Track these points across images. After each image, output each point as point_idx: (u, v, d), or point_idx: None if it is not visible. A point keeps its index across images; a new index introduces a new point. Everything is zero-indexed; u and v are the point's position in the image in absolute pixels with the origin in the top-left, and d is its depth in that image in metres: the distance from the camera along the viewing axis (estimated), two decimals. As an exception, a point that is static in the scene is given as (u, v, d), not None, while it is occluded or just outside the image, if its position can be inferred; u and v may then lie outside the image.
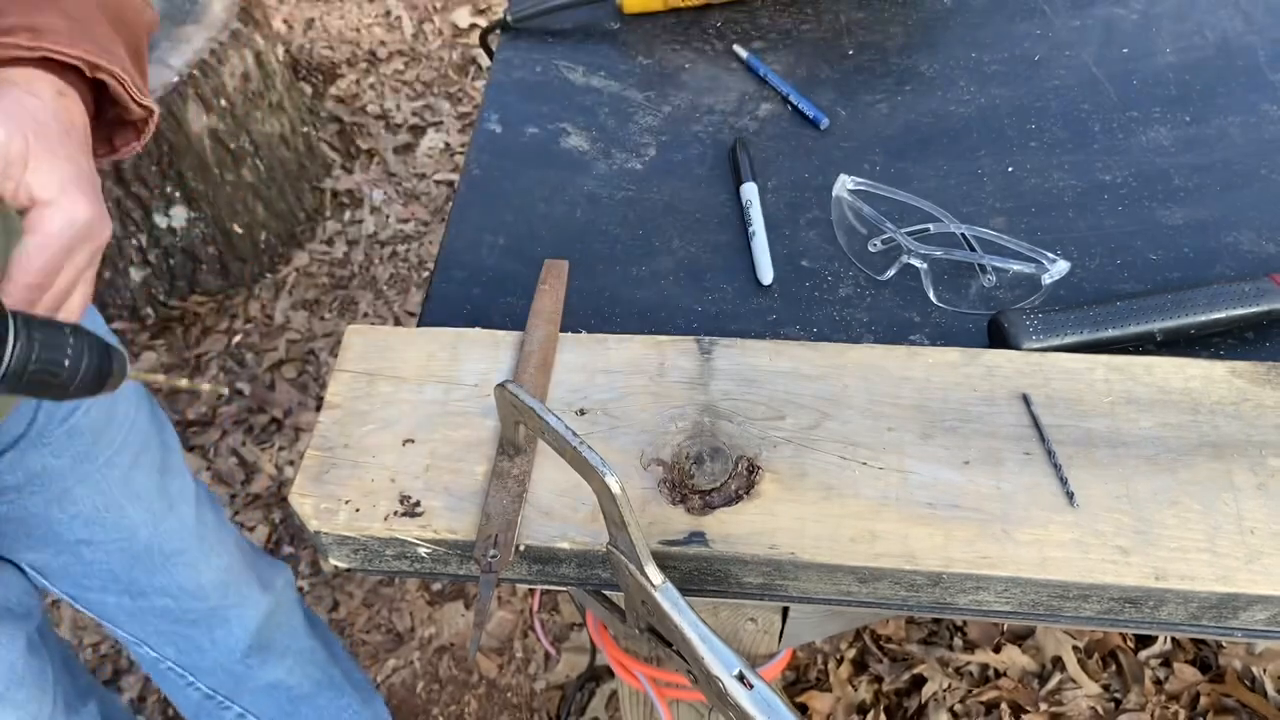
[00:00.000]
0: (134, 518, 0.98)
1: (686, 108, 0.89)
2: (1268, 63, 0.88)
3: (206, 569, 1.07)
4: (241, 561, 1.14)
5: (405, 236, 2.28)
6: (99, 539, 0.96)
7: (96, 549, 0.97)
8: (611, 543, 0.50)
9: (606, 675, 1.60)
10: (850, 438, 0.59)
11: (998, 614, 0.57)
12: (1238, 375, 0.61)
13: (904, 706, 1.52)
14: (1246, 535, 0.54)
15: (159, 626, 1.08)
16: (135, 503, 0.97)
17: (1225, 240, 0.75)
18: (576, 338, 0.65)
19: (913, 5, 0.97)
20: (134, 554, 1.00)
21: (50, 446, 0.88)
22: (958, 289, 0.73)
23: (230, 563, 1.11)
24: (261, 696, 1.22)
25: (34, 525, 0.92)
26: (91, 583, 1.00)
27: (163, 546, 1.02)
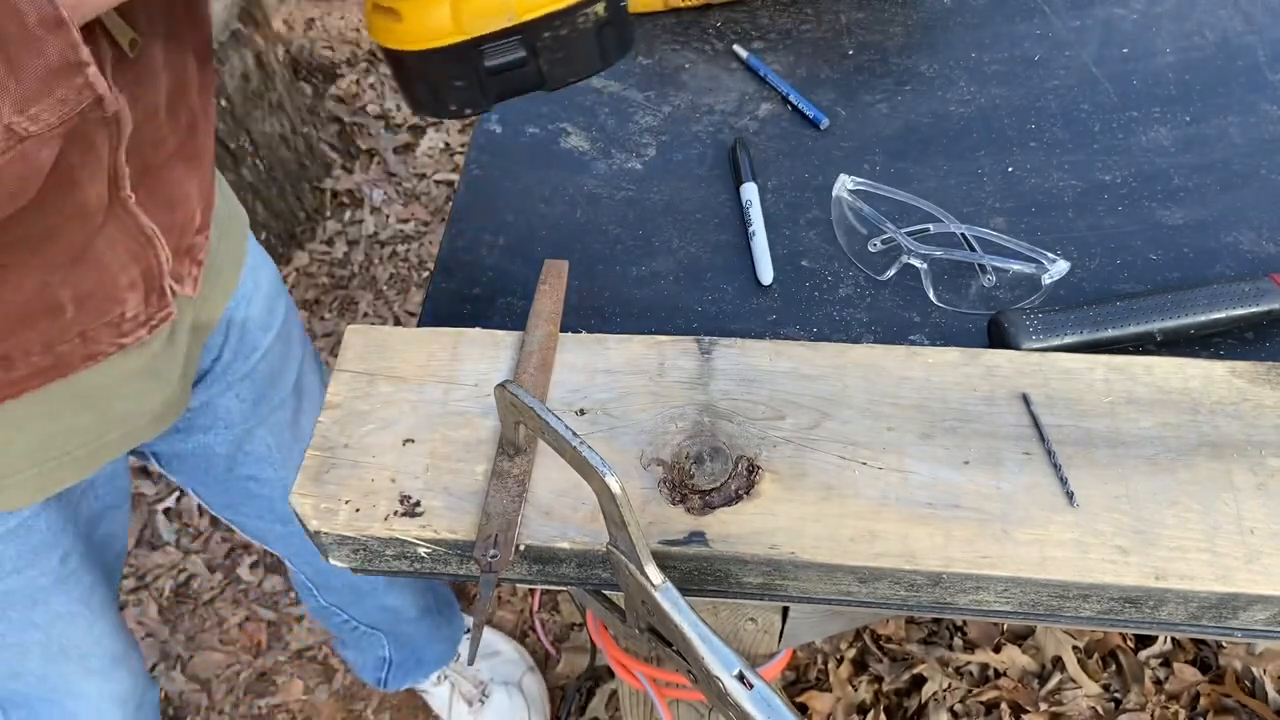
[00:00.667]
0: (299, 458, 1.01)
1: (686, 108, 0.89)
2: (1268, 63, 0.88)
3: None
4: None
5: (405, 236, 2.28)
6: (267, 476, 1.03)
7: (263, 485, 1.03)
8: (611, 543, 0.50)
9: (606, 675, 1.60)
10: (850, 438, 0.59)
11: (998, 614, 0.57)
12: (1237, 375, 0.61)
13: (904, 706, 1.52)
14: (1246, 535, 0.54)
15: (302, 549, 1.15)
16: (300, 443, 1.03)
17: (1225, 240, 0.75)
18: (576, 338, 0.65)
19: (913, 5, 0.97)
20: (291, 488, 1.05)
21: (234, 389, 0.94)
22: (958, 289, 0.73)
23: None
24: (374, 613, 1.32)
25: (214, 463, 0.99)
26: (251, 511, 1.08)
27: None
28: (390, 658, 1.44)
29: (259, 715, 1.63)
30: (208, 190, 0.77)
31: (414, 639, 1.43)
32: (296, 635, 1.70)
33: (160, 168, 0.68)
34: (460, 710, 1.56)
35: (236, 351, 0.92)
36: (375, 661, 1.45)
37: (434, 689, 1.56)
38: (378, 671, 1.47)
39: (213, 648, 1.70)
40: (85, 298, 0.66)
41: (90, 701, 0.99)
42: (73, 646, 0.91)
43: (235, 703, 1.64)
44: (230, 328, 0.90)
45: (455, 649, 1.54)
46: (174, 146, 0.69)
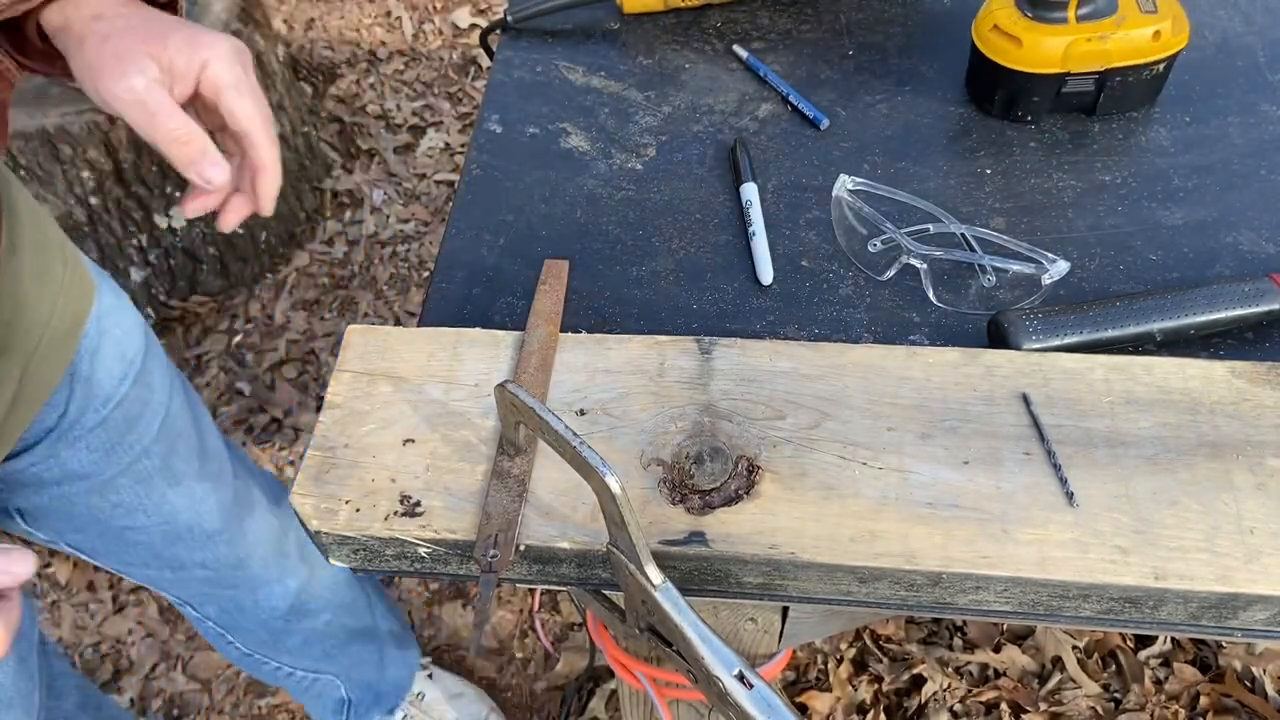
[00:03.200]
0: (175, 502, 0.99)
1: (686, 108, 0.89)
2: (1267, 63, 0.88)
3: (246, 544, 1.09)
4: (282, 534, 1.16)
5: (405, 236, 2.28)
6: (141, 524, 0.97)
7: (139, 532, 0.98)
8: (611, 543, 0.50)
9: (606, 675, 1.60)
10: (850, 438, 0.59)
11: (998, 614, 0.57)
12: (1237, 375, 0.61)
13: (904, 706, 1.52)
14: (1246, 535, 0.54)
15: (201, 590, 1.11)
16: (175, 488, 0.98)
17: (1225, 240, 0.75)
18: (576, 338, 0.65)
19: (913, 5, 0.97)
20: (175, 535, 1.01)
21: (84, 440, 0.88)
22: (958, 289, 0.73)
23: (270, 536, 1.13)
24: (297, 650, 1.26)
25: (77, 513, 0.93)
26: (134, 559, 1.02)
27: (203, 526, 1.03)
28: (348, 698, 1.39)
29: (259, 715, 1.63)
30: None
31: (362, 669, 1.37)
32: (296, 635, 1.70)
33: None
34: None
35: (84, 406, 0.86)
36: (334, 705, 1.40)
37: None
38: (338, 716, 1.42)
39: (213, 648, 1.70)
40: None
41: None
42: None
43: (235, 703, 1.64)
44: (75, 382, 0.85)
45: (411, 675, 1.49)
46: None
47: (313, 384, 2.04)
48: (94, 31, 0.62)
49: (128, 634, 1.71)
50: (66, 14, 0.64)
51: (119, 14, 0.63)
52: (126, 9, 0.64)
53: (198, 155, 0.63)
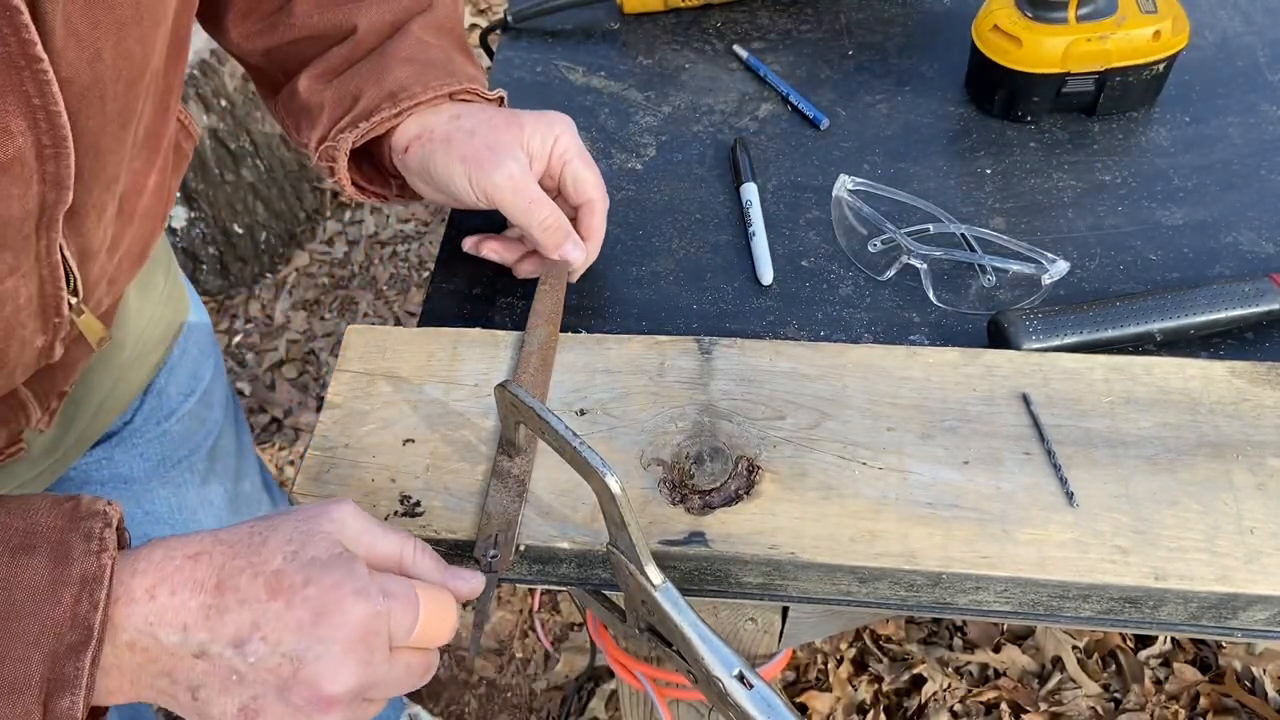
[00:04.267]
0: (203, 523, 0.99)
1: (686, 108, 0.89)
2: (1267, 63, 0.88)
3: None
4: None
5: (405, 236, 2.28)
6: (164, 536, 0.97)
7: None
8: (611, 543, 0.50)
9: (606, 675, 1.60)
10: (850, 438, 0.59)
11: (997, 614, 0.57)
12: (1237, 375, 0.61)
13: (904, 706, 1.52)
14: (1246, 535, 0.54)
15: None
16: (206, 509, 0.99)
17: (1225, 240, 0.75)
18: (576, 338, 0.65)
19: (913, 5, 0.97)
20: None
21: (140, 448, 0.89)
22: (958, 289, 0.73)
23: None
24: None
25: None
26: None
27: None
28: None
29: (259, 715, 1.63)
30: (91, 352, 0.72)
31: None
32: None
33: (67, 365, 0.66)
34: None
35: (149, 417, 0.88)
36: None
37: None
38: None
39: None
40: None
41: None
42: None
43: (235, 703, 1.64)
44: (149, 393, 0.87)
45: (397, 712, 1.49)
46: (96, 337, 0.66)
47: (313, 384, 2.04)
48: (460, 129, 0.67)
49: (128, 634, 1.71)
50: (425, 121, 0.67)
51: (473, 112, 0.68)
52: (476, 109, 0.69)
53: (564, 240, 0.68)
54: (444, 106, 0.68)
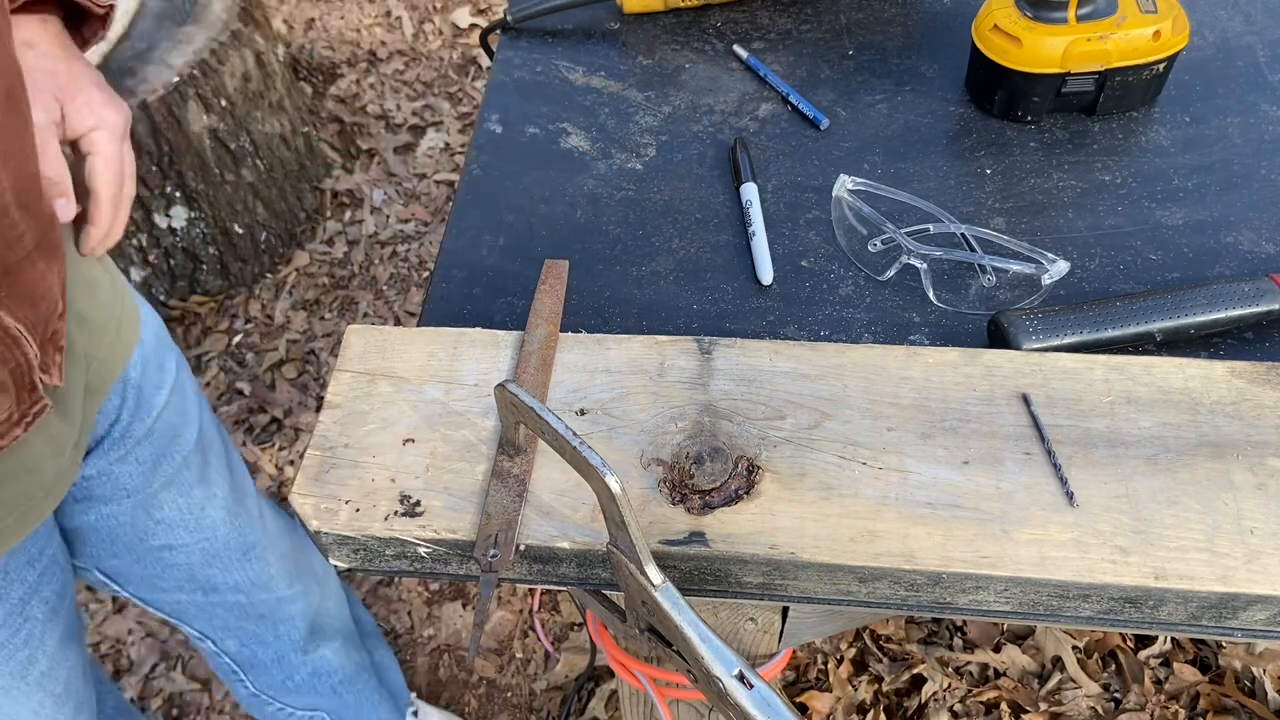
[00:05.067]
0: (213, 516, 1.00)
1: (686, 108, 0.89)
2: (1268, 63, 0.88)
3: (274, 559, 1.10)
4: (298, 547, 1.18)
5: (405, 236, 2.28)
6: (182, 542, 0.98)
7: (178, 552, 0.99)
8: (611, 542, 0.50)
9: (606, 675, 1.60)
10: (850, 438, 0.59)
11: (998, 614, 0.57)
12: (1237, 375, 0.61)
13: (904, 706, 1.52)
14: (1246, 535, 0.54)
15: (226, 621, 1.11)
16: (212, 501, 1.00)
17: (1225, 240, 0.75)
18: (576, 338, 0.65)
19: (913, 5, 0.97)
20: (213, 552, 1.02)
21: (134, 454, 0.90)
22: (958, 289, 0.73)
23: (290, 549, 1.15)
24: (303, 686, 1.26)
25: (120, 534, 0.94)
26: (167, 584, 1.02)
27: (240, 541, 1.04)
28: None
29: (259, 715, 1.63)
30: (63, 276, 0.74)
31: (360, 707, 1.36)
32: (296, 635, 1.70)
33: (18, 266, 0.66)
34: None
35: (134, 414, 0.89)
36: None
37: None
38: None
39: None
40: None
41: None
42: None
43: (235, 703, 1.64)
44: (126, 389, 0.88)
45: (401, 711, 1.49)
46: (31, 242, 0.67)
47: (313, 384, 2.04)
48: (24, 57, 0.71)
49: (128, 634, 1.71)
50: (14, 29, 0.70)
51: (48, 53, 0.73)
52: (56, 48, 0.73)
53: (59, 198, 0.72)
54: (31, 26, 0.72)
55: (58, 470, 0.78)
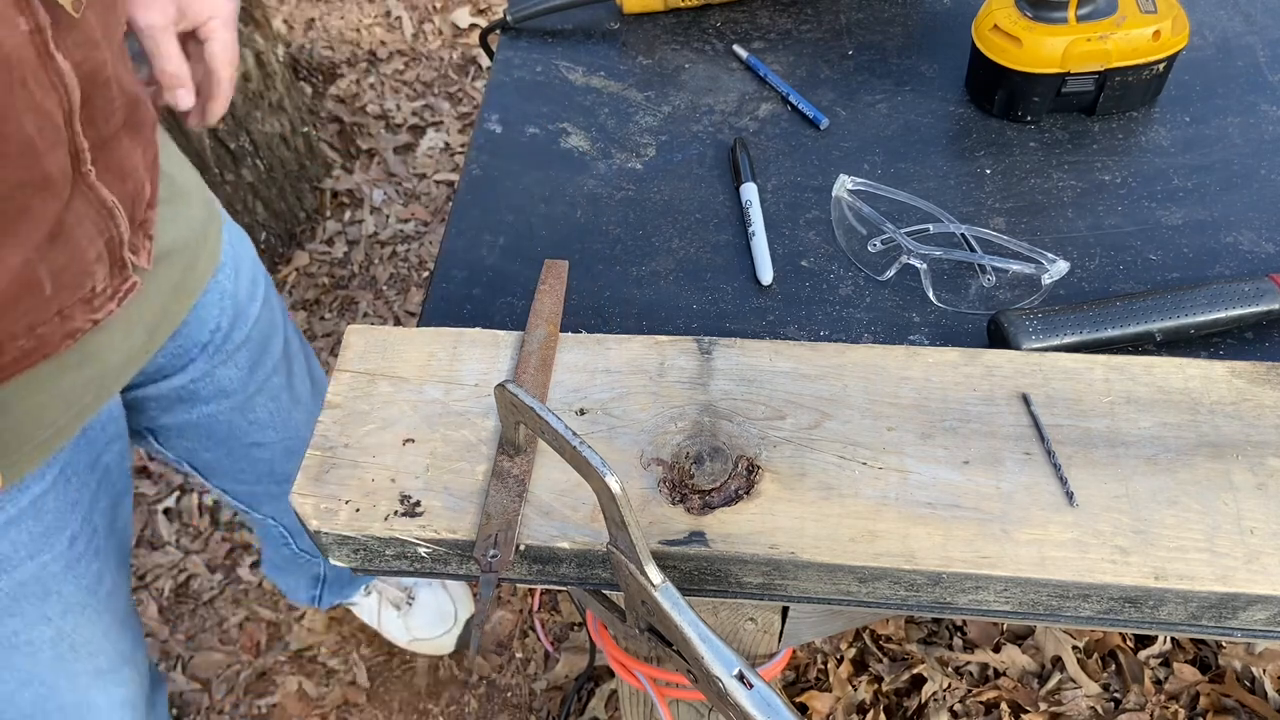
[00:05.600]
0: (297, 418, 1.10)
1: (686, 108, 0.89)
2: (1268, 63, 0.88)
3: None
4: None
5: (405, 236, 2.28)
6: (270, 440, 1.08)
7: (265, 449, 1.09)
8: (611, 542, 0.50)
9: (606, 675, 1.60)
10: (850, 438, 0.59)
11: (997, 614, 0.57)
12: (1237, 375, 0.61)
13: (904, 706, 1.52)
14: (1246, 535, 0.54)
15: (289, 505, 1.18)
16: (297, 406, 1.10)
17: (1225, 240, 0.75)
18: (576, 338, 0.65)
19: (913, 5, 0.97)
20: (293, 449, 1.12)
21: (233, 359, 0.99)
22: (958, 289, 0.73)
23: None
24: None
25: (216, 431, 1.04)
26: (248, 477, 1.12)
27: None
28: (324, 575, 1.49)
29: (259, 715, 1.63)
30: (153, 163, 0.80)
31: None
32: (296, 635, 1.70)
33: (111, 140, 0.71)
34: (389, 615, 1.63)
35: (233, 322, 0.97)
36: (309, 581, 1.49)
37: (362, 600, 1.62)
38: (311, 590, 1.51)
39: (213, 648, 1.70)
40: (60, 273, 0.69)
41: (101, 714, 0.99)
42: (83, 643, 0.91)
43: (235, 703, 1.64)
44: (225, 299, 0.95)
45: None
46: (122, 118, 0.72)
47: (313, 384, 2.04)
48: None
49: (128, 634, 1.71)
50: None
51: None
52: None
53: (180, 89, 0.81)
54: None
55: (128, 354, 0.83)
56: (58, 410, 0.77)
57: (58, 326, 0.71)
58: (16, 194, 0.62)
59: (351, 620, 1.71)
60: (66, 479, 0.82)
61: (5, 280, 0.64)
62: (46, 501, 0.80)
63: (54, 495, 0.81)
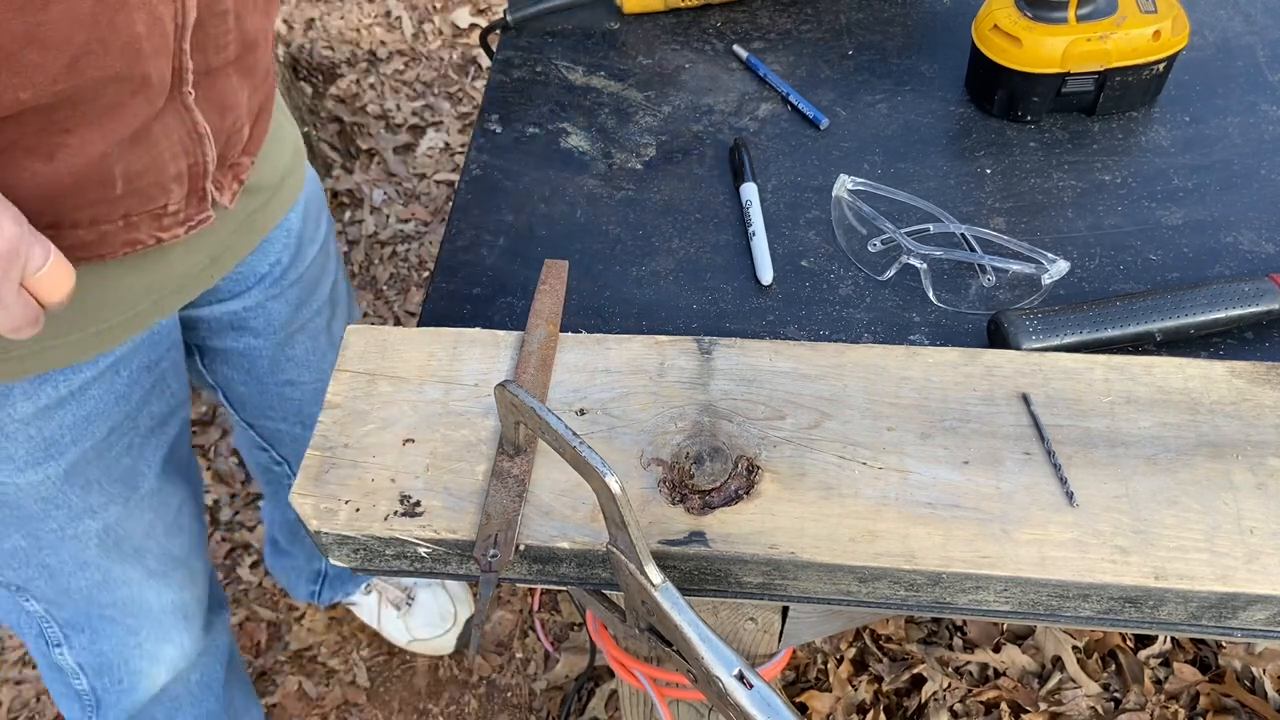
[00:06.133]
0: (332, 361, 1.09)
1: (686, 108, 0.89)
2: (1268, 63, 0.88)
3: None
4: None
5: (405, 236, 2.28)
6: (303, 379, 1.10)
7: (298, 388, 1.11)
8: (611, 542, 0.50)
9: (606, 675, 1.60)
10: (850, 438, 0.59)
11: (997, 614, 0.57)
12: (1237, 375, 0.61)
13: (904, 706, 1.52)
14: (1245, 535, 0.54)
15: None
16: (334, 350, 1.11)
17: (1225, 240, 0.75)
18: (576, 338, 0.65)
19: (913, 5, 0.97)
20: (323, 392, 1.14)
21: (285, 295, 1.00)
22: (958, 289, 0.73)
23: None
24: None
25: (257, 364, 1.05)
26: (276, 415, 1.14)
27: None
28: (325, 572, 1.50)
29: (259, 715, 1.63)
30: (258, 108, 0.81)
31: None
32: (296, 635, 1.70)
33: (219, 71, 0.72)
34: (389, 615, 1.63)
35: (292, 259, 0.98)
36: (310, 576, 1.50)
37: (362, 599, 1.63)
38: (311, 585, 1.52)
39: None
40: (135, 178, 0.70)
41: (153, 617, 1.02)
42: (126, 538, 0.93)
43: (235, 703, 1.64)
44: (289, 235, 0.97)
45: None
46: (234, 54, 0.73)
47: (313, 384, 2.04)
48: None
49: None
50: None
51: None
52: None
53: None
54: None
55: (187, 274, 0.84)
56: (110, 311, 0.78)
57: (120, 231, 0.72)
58: (111, 86, 0.63)
59: (351, 620, 1.71)
60: (116, 371, 0.83)
61: (80, 163, 0.66)
62: (93, 388, 0.82)
63: (100, 384, 0.82)
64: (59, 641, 1.00)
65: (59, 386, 0.79)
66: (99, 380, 0.82)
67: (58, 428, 0.81)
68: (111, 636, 1.00)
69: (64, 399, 0.80)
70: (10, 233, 0.57)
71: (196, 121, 0.72)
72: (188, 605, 1.06)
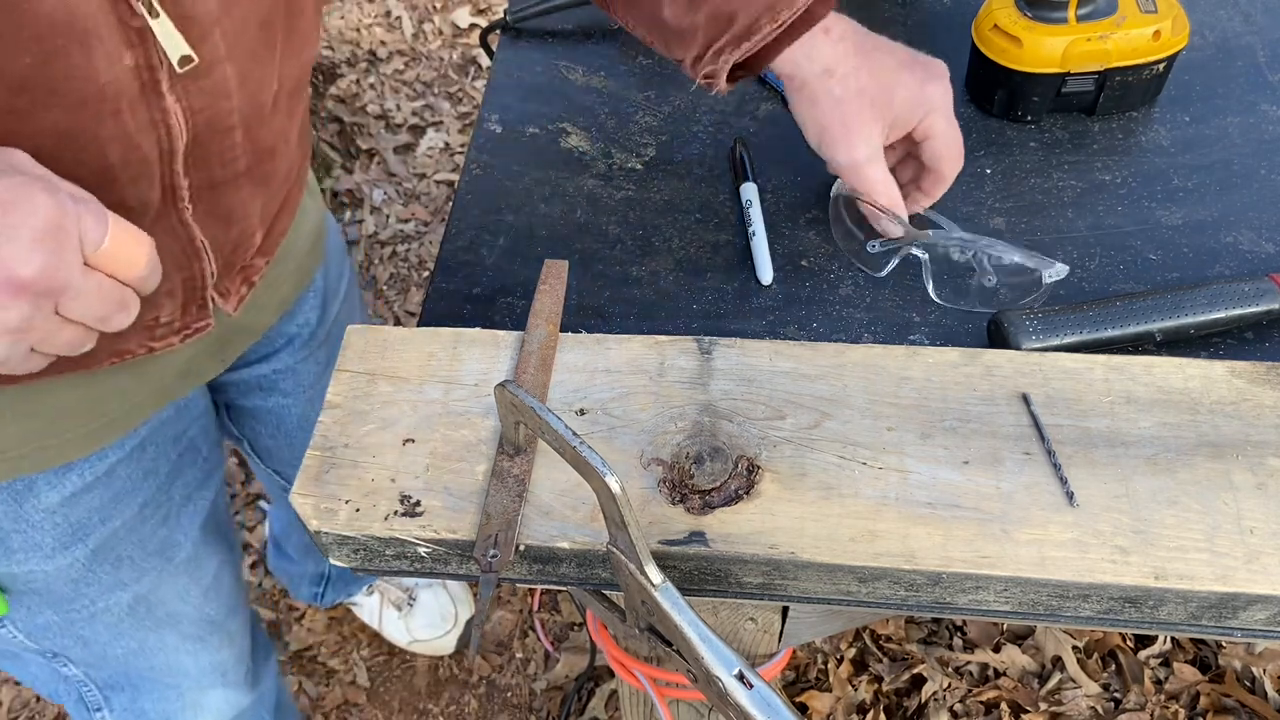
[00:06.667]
0: None
1: (686, 108, 0.89)
2: (1268, 63, 0.88)
3: None
4: None
5: (405, 236, 2.28)
6: None
7: None
8: (611, 542, 0.50)
9: (606, 675, 1.60)
10: (850, 437, 0.59)
11: (997, 614, 0.57)
12: (1237, 375, 0.61)
13: (904, 706, 1.52)
14: (1246, 535, 0.54)
15: None
16: None
17: (1225, 240, 0.75)
18: (576, 338, 0.65)
19: (913, 5, 0.97)
20: None
21: (314, 355, 0.99)
22: (958, 289, 0.73)
23: None
24: None
25: (286, 422, 1.04)
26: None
27: None
28: (329, 573, 1.50)
29: (259, 715, 1.63)
30: (277, 210, 0.78)
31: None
32: (296, 635, 1.70)
33: (225, 184, 0.68)
34: (390, 616, 1.63)
35: (320, 318, 0.97)
36: (313, 578, 1.50)
37: (364, 600, 1.64)
38: (314, 587, 1.53)
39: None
40: None
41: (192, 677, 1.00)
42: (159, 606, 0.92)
43: (235, 703, 1.64)
44: (315, 296, 0.96)
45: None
46: (244, 166, 0.69)
47: (313, 384, 2.04)
48: (827, 93, 0.67)
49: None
50: (797, 61, 0.67)
51: (850, 70, 0.67)
52: (858, 60, 0.68)
53: (888, 221, 0.71)
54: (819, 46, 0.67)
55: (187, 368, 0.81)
56: (110, 404, 0.76)
57: (105, 344, 0.67)
58: None
59: (352, 620, 1.71)
60: (143, 449, 0.82)
61: None
62: (119, 469, 0.80)
63: (128, 464, 0.81)
64: (99, 705, 0.98)
65: (84, 474, 0.77)
66: (125, 461, 0.80)
67: (85, 511, 0.79)
68: (152, 693, 0.99)
69: (90, 484, 0.78)
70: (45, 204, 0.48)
71: (193, 236, 0.68)
72: (225, 664, 1.04)
